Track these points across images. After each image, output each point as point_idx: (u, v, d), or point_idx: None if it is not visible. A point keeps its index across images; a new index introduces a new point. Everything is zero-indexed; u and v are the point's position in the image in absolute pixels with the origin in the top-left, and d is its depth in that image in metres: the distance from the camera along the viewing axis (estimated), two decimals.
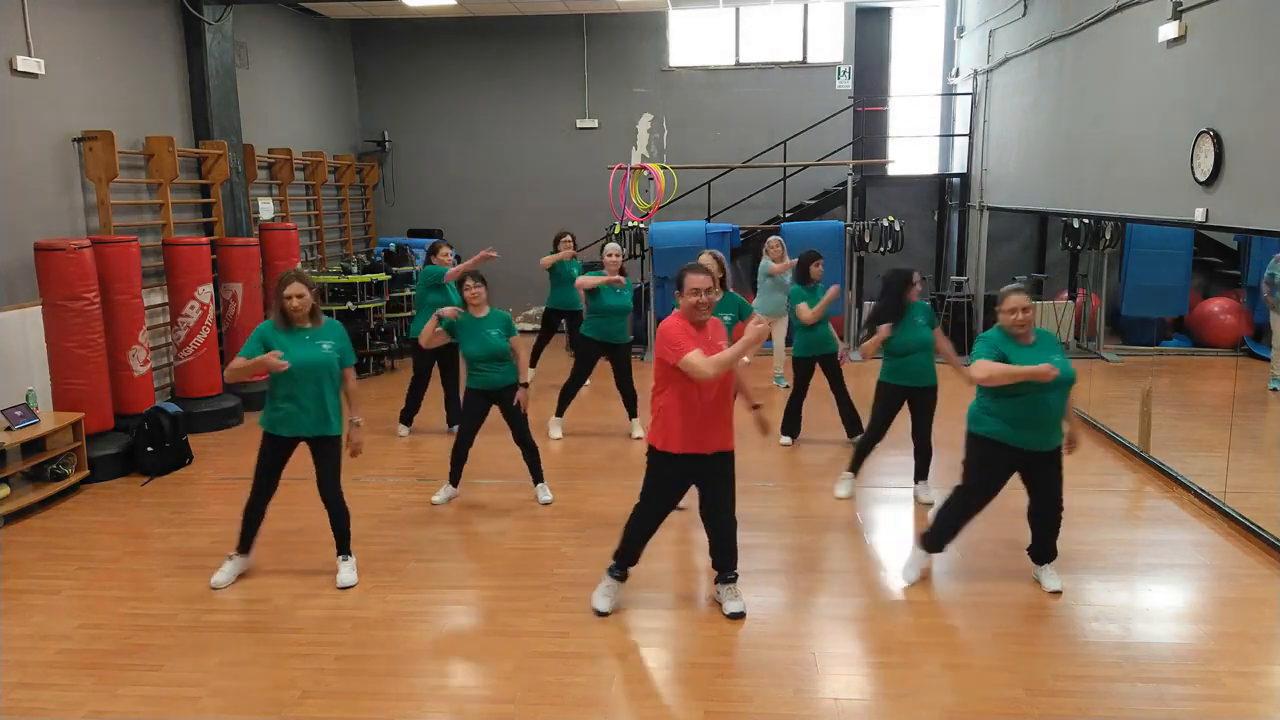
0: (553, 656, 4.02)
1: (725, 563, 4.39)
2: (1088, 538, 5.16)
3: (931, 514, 4.75)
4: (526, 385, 5.73)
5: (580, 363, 7.26)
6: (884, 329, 5.51)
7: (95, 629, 4.33)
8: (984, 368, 4.26)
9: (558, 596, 4.59)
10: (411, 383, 7.56)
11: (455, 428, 7.55)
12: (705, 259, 5.92)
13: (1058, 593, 4.51)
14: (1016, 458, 4.38)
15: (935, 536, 4.66)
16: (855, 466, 5.95)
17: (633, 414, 7.40)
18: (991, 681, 3.78)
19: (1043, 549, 4.62)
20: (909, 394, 5.65)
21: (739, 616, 4.32)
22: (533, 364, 9.34)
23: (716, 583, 4.44)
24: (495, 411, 5.79)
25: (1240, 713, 3.61)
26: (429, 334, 5.65)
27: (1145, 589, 4.64)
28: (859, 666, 3.97)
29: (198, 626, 4.33)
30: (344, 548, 4.81)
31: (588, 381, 9.29)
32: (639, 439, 7.26)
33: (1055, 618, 4.33)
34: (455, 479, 5.92)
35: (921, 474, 5.89)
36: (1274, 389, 8.33)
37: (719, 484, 4.28)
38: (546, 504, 5.87)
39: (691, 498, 4.48)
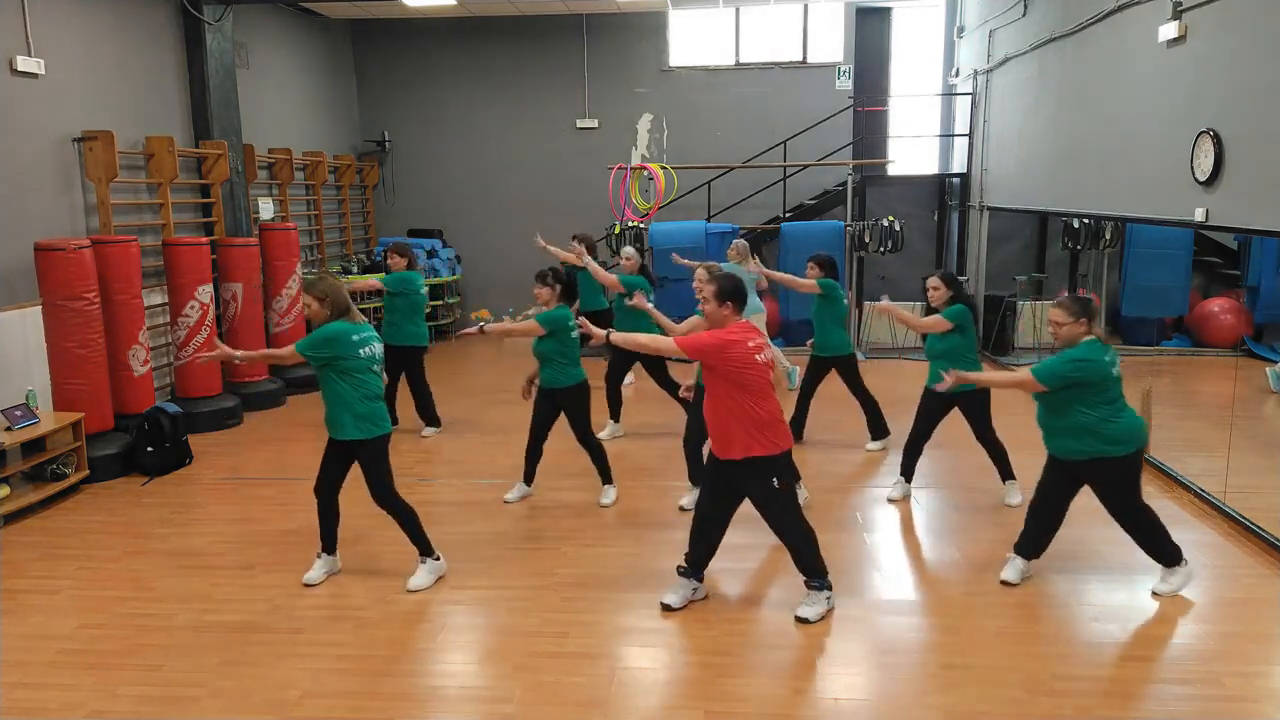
0: (553, 656, 4.02)
1: (799, 569, 4.36)
2: (1088, 537, 5.15)
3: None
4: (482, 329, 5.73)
5: (610, 367, 7.35)
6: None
7: (95, 629, 4.33)
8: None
9: (558, 596, 4.60)
10: (411, 386, 7.55)
11: (429, 430, 7.57)
12: (726, 257, 6.00)
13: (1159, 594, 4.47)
14: (1053, 463, 4.45)
15: (1021, 539, 4.67)
16: (905, 470, 5.90)
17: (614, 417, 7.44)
18: (991, 681, 3.78)
19: (1155, 554, 4.52)
20: (952, 400, 5.48)
21: (802, 621, 4.26)
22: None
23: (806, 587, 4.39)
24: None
25: (1240, 713, 3.61)
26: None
27: (1145, 589, 4.63)
28: (859, 666, 3.97)
29: (198, 626, 4.33)
30: (421, 547, 4.75)
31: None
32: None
33: (1055, 618, 4.33)
34: (528, 477, 5.99)
35: (1004, 474, 5.76)
36: (1277, 390, 8.32)
37: (752, 496, 4.29)
38: (605, 506, 5.82)
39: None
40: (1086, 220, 9.24)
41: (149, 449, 6.61)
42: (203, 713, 3.65)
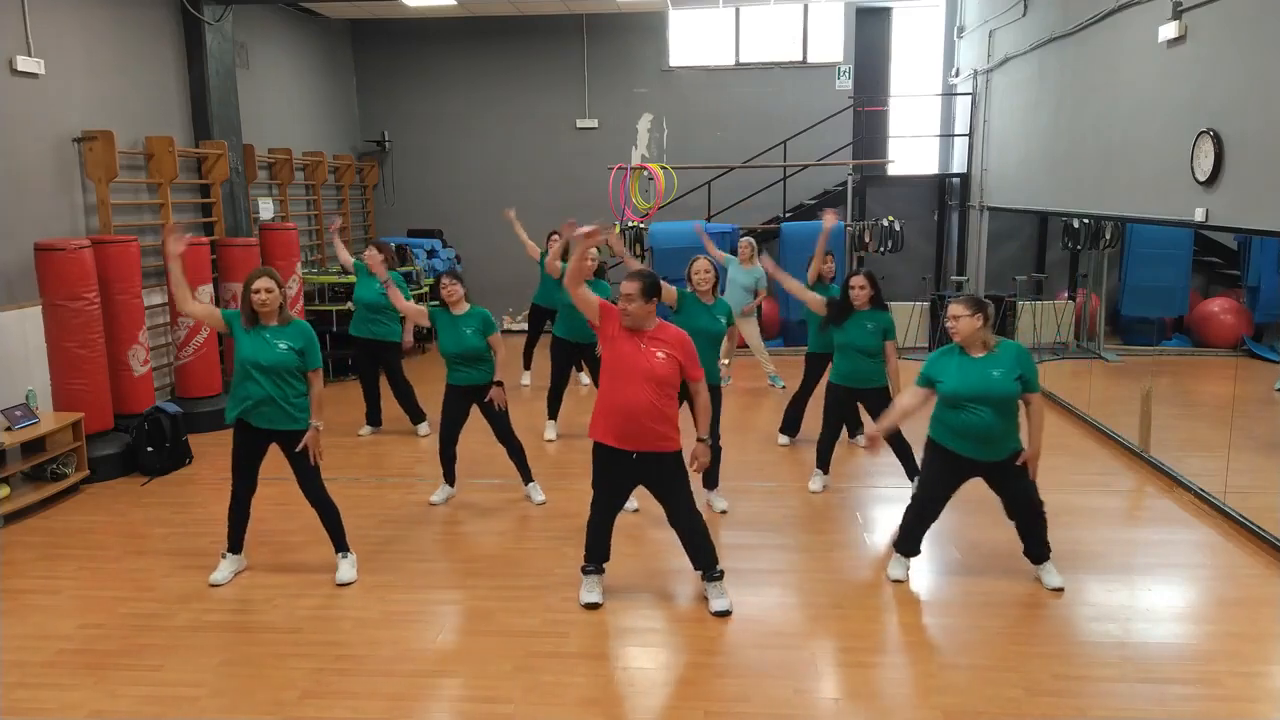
0: (553, 656, 4.02)
1: (703, 562, 4.41)
2: (1088, 538, 5.16)
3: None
4: (501, 384, 5.68)
5: (553, 364, 7.21)
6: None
7: (95, 629, 4.33)
8: (900, 398, 4.69)
9: (558, 596, 4.59)
10: (363, 383, 7.58)
11: (422, 427, 7.56)
12: (700, 263, 5.95)
13: (1059, 590, 4.52)
14: (964, 464, 4.44)
15: (902, 539, 4.75)
16: (821, 464, 6.09)
17: None
18: (991, 681, 3.78)
19: (1033, 549, 4.63)
20: (856, 395, 5.81)
21: (724, 614, 4.32)
22: (527, 365, 9.32)
23: (703, 580, 4.46)
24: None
25: (1240, 713, 3.61)
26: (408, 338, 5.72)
27: (1145, 589, 4.64)
28: (859, 666, 3.97)
29: (198, 626, 4.33)
30: (340, 545, 4.82)
31: (585, 381, 9.29)
32: None
33: (1055, 618, 4.33)
34: (449, 478, 5.93)
35: (910, 473, 5.88)
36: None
37: (662, 488, 4.31)
38: (540, 504, 5.87)
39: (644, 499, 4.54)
40: (1086, 220, 9.24)
41: (149, 449, 6.61)
42: (203, 713, 3.65)
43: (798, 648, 4.08)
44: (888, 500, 5.93)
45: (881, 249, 10.18)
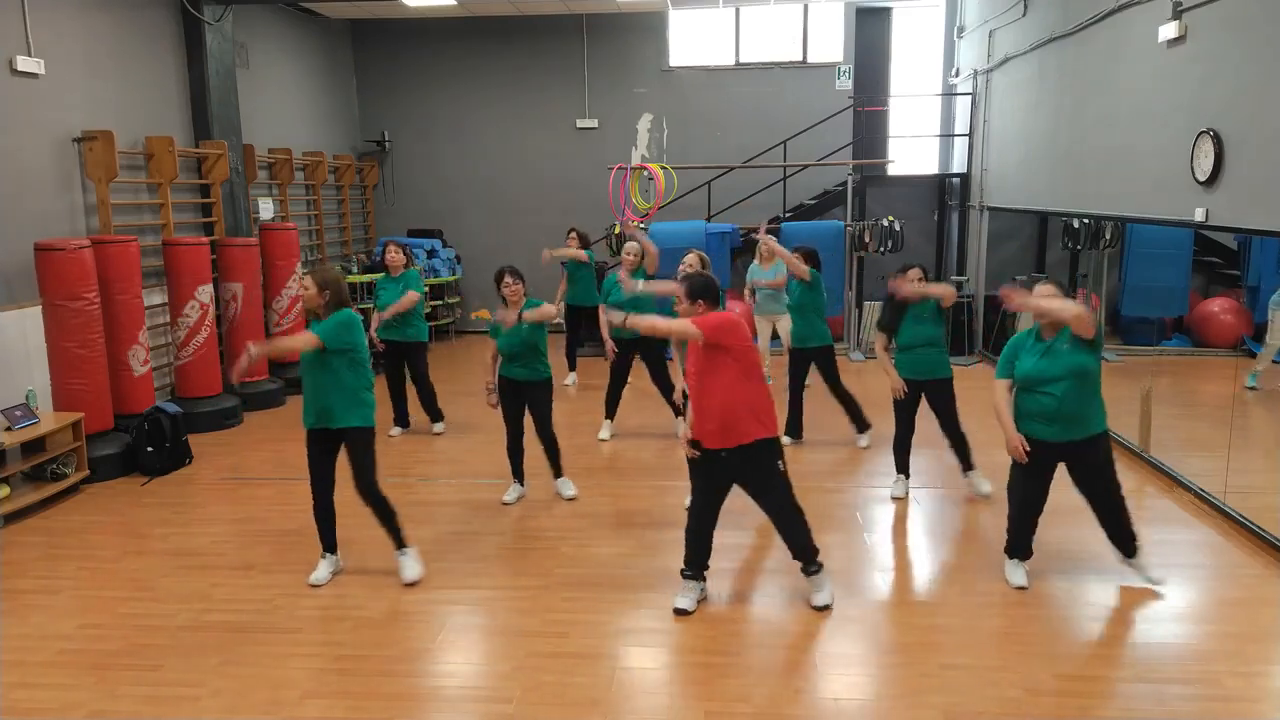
0: (553, 656, 4.02)
1: (797, 554, 4.42)
2: (1088, 538, 5.14)
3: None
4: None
5: (611, 366, 7.27)
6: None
7: (95, 629, 4.34)
8: (994, 399, 4.50)
9: (558, 596, 4.60)
10: (389, 384, 7.55)
11: (438, 425, 7.57)
12: (690, 257, 5.98)
13: (1152, 583, 4.49)
14: (1043, 448, 4.36)
15: (1012, 542, 4.68)
16: (901, 467, 5.92)
17: (677, 412, 7.30)
18: (991, 681, 3.78)
19: (1117, 541, 4.55)
20: (921, 387, 5.63)
21: (822, 609, 4.32)
22: (572, 366, 9.33)
23: (802, 573, 4.46)
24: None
25: (1240, 713, 3.61)
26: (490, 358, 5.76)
27: (1145, 589, 4.63)
28: (859, 666, 3.97)
29: (198, 626, 4.33)
30: (397, 542, 4.78)
31: (568, 382, 9.26)
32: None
33: (1055, 618, 4.33)
34: (519, 475, 5.96)
35: (965, 465, 5.83)
36: (1251, 387, 8.32)
37: (753, 482, 4.30)
38: (571, 499, 5.88)
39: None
40: (1086, 220, 9.23)
41: (149, 449, 6.61)
42: (203, 713, 3.66)
43: (798, 648, 4.08)
44: (888, 500, 5.93)
45: (881, 249, 10.17)
